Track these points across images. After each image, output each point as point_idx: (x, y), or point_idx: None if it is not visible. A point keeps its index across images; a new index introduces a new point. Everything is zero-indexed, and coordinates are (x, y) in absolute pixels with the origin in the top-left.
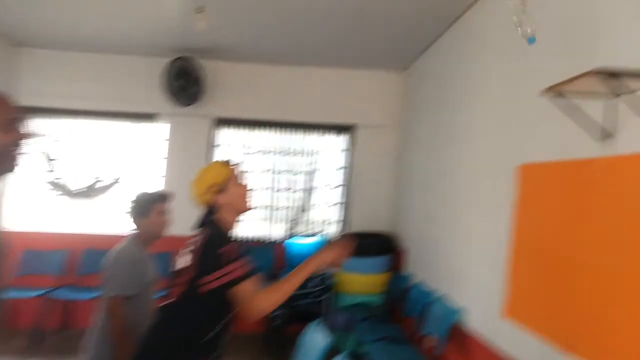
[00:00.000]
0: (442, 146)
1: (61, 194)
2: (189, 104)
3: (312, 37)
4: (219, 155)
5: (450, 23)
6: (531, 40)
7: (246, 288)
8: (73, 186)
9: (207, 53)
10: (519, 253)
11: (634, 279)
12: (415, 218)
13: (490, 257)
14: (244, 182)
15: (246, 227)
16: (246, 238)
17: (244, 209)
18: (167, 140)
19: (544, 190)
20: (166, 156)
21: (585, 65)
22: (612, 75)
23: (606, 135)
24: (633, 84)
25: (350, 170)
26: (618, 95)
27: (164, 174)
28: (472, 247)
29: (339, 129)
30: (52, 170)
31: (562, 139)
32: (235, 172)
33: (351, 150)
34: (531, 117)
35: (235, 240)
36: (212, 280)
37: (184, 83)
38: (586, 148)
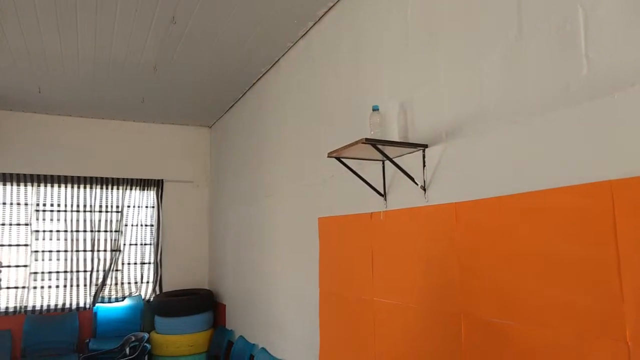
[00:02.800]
0: (251, 201)
1: None
2: None
3: (111, 90)
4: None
5: (250, 84)
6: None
7: None
8: None
9: None
10: (324, 299)
11: (405, 313)
12: (231, 272)
13: (305, 307)
14: None
15: (41, 296)
16: (42, 308)
17: None
18: None
19: (338, 239)
20: None
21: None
22: (375, 144)
23: (384, 192)
24: (391, 151)
25: (159, 227)
26: (385, 160)
27: None
28: (287, 299)
29: (145, 184)
30: None
31: (355, 195)
32: None
33: (159, 206)
34: (328, 174)
35: None
36: None
37: None
38: (375, 203)
